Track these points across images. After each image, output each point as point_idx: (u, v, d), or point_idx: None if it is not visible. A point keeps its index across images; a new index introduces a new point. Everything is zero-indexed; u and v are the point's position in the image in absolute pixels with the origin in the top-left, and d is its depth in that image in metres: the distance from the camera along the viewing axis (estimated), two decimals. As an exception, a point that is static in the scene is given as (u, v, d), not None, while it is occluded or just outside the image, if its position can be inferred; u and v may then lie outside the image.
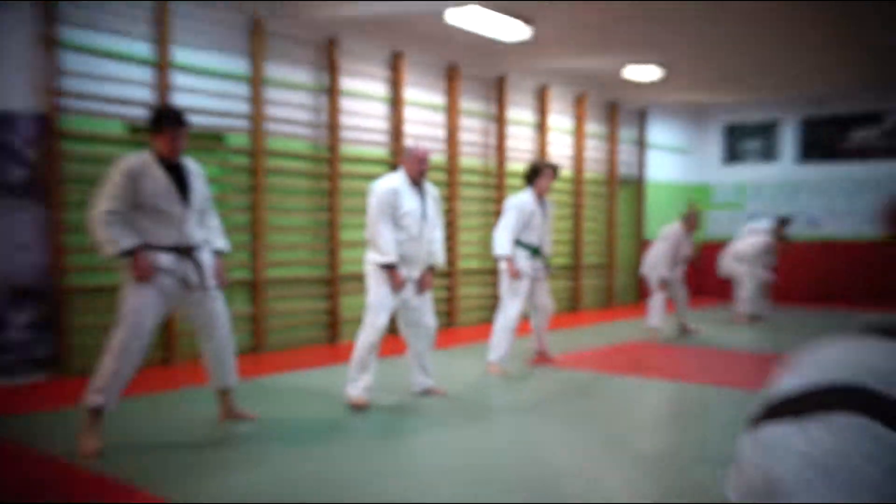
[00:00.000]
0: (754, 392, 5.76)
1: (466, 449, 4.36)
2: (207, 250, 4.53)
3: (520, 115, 10.61)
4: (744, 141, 13.91)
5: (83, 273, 6.29)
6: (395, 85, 8.75)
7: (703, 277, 13.40)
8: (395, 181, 5.28)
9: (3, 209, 5.94)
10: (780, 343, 8.24)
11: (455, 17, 7.76)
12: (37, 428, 4.66)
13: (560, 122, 11.28)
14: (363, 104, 8.50)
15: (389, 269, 5.11)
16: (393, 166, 8.65)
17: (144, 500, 3.44)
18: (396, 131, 8.74)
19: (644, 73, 10.45)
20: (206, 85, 7.11)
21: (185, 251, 4.38)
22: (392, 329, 5.55)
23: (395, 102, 8.76)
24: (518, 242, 6.55)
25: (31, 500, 3.55)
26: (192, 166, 4.53)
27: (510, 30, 8.35)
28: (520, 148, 10.53)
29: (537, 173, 6.68)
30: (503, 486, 3.65)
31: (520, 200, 6.64)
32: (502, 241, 6.48)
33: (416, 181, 5.32)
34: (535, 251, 6.64)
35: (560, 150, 11.18)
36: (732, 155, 14.04)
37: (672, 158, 13.87)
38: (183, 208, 4.34)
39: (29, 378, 5.99)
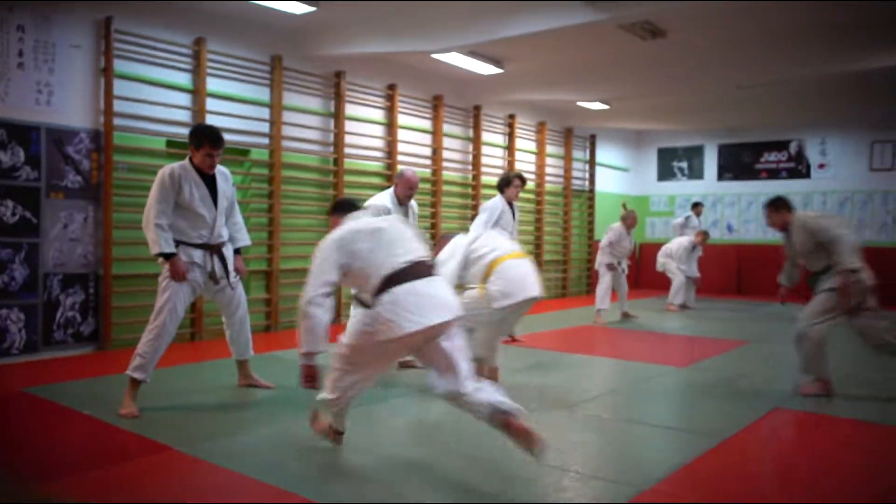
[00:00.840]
0: (681, 368, 5.87)
1: (437, 412, 4.39)
2: (230, 246, 4.53)
3: (492, 137, 10.67)
4: (674, 161, 14.08)
5: (125, 262, 6.29)
6: (390, 111, 8.78)
7: (642, 272, 13.57)
8: (387, 199, 5.33)
9: (63, 209, 5.93)
10: (703, 328, 8.34)
11: (440, 58, 7.83)
12: (83, 393, 4.63)
13: (524, 144, 11.35)
14: (363, 126, 8.52)
15: None
16: (387, 178, 8.70)
17: (173, 456, 3.43)
18: (391, 149, 8.78)
19: (592, 106, 10.57)
20: (235, 109, 7.11)
21: (213, 248, 4.39)
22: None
23: (390, 125, 8.79)
24: None
25: (79, 455, 3.56)
26: (221, 171, 4.49)
27: (484, 69, 8.45)
28: (492, 164, 10.59)
29: (508, 183, 6.75)
30: (469, 440, 3.70)
31: (493, 203, 6.70)
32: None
33: (402, 202, 5.40)
34: None
35: (524, 166, 11.25)
36: (665, 173, 14.21)
37: (616, 174, 13.99)
38: (214, 212, 4.35)
39: (77, 351, 5.99)
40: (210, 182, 4.36)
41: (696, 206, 11.51)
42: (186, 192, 4.23)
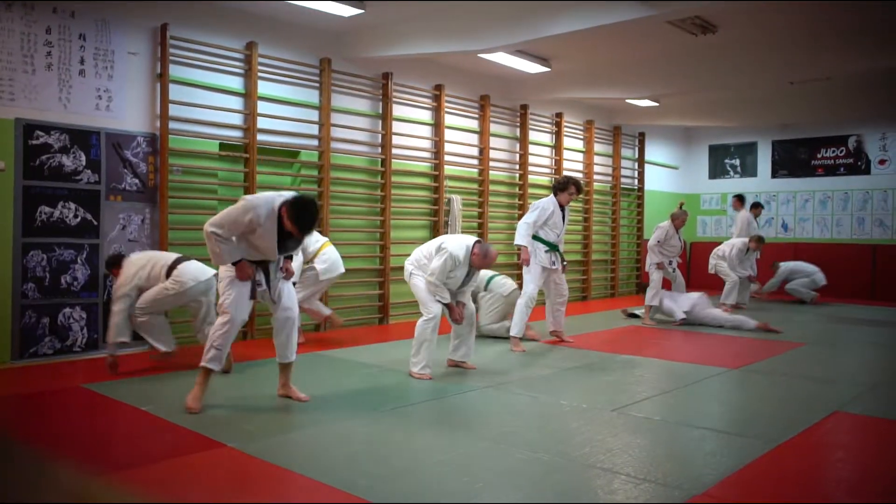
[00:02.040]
0: (733, 370, 5.73)
1: (491, 411, 4.41)
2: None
3: (539, 137, 10.59)
4: (726, 159, 13.77)
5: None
6: (438, 111, 8.80)
7: (693, 271, 13.30)
8: (462, 254, 5.25)
9: (121, 211, 6.12)
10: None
11: (486, 58, 7.81)
12: (141, 390, 4.73)
13: (572, 142, 11.24)
14: (411, 127, 8.56)
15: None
16: (434, 178, 8.73)
17: (228, 453, 3.50)
18: (438, 150, 8.80)
19: (641, 103, 10.42)
20: (285, 112, 7.23)
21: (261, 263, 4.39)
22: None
23: (437, 126, 8.81)
24: (538, 238, 6.59)
25: (137, 450, 3.66)
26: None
27: (531, 68, 8.39)
28: (539, 164, 10.52)
29: (564, 188, 6.69)
30: (522, 441, 3.69)
31: (544, 202, 6.67)
32: (521, 232, 6.53)
33: (475, 267, 5.37)
34: (554, 247, 6.66)
35: (572, 165, 11.16)
36: (716, 170, 13.91)
37: (666, 173, 13.76)
38: (274, 257, 4.36)
39: (136, 349, 6.08)
40: (285, 235, 4.27)
41: (755, 207, 11.25)
42: (258, 237, 4.19)
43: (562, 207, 6.69)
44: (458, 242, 5.29)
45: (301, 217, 4.10)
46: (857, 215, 12.20)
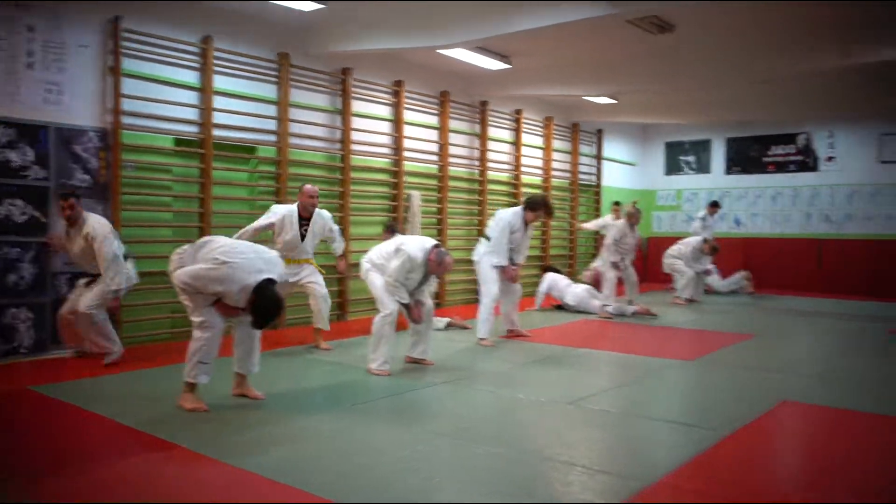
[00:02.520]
0: (688, 361, 5.85)
1: (450, 407, 4.43)
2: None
3: (499, 133, 10.65)
4: (681, 155, 14.03)
5: (133, 261, 6.27)
6: (397, 107, 8.78)
7: (651, 266, 13.53)
8: (420, 257, 5.22)
9: (74, 208, 5.95)
10: (710, 322, 8.31)
11: (447, 54, 7.82)
12: (91, 391, 4.62)
13: (531, 139, 11.32)
14: (370, 123, 8.52)
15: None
16: (394, 174, 8.70)
17: (180, 453, 3.45)
18: (398, 146, 8.78)
19: (599, 101, 10.55)
20: (242, 107, 7.12)
21: None
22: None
23: (397, 122, 8.79)
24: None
25: (86, 452, 3.57)
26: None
27: (492, 65, 8.43)
28: (499, 160, 10.57)
29: (535, 207, 6.71)
30: (480, 436, 3.71)
31: (510, 217, 6.66)
32: (500, 253, 6.57)
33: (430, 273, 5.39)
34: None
35: (531, 162, 11.24)
36: (672, 167, 14.16)
37: (623, 169, 13.95)
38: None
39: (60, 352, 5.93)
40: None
41: (713, 206, 11.49)
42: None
43: (526, 224, 6.73)
44: (417, 245, 5.29)
45: (260, 311, 3.89)
46: (805, 211, 12.56)
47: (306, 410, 4.20)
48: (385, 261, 5.35)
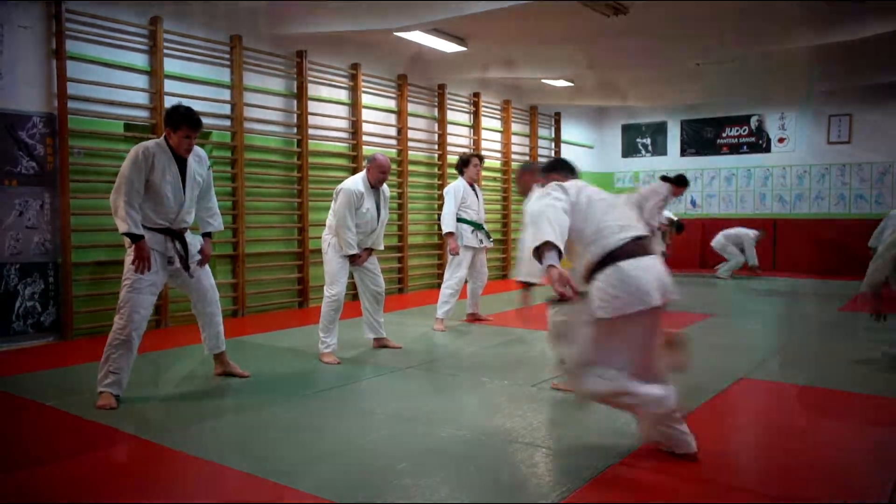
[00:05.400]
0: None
1: (413, 391, 4.42)
2: (194, 233, 4.34)
3: (457, 116, 10.61)
4: (638, 138, 14.19)
5: (84, 250, 6.12)
6: (354, 91, 8.67)
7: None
8: (359, 183, 5.23)
9: (17, 197, 5.75)
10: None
11: (403, 37, 7.73)
12: (45, 384, 4.51)
13: (490, 122, 11.31)
14: (327, 107, 8.40)
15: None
16: (353, 159, 8.61)
17: (141, 446, 3.38)
18: (356, 130, 8.68)
19: (557, 83, 10.58)
20: (194, 91, 6.93)
21: (174, 233, 4.19)
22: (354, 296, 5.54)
23: (354, 105, 8.68)
24: (461, 219, 6.62)
25: (42, 447, 3.48)
26: (197, 153, 4.25)
27: (448, 47, 8.37)
28: (458, 143, 10.54)
29: (466, 163, 6.75)
30: (443, 419, 3.71)
31: (454, 186, 6.72)
32: (447, 221, 6.56)
33: (375, 185, 5.30)
34: (478, 226, 6.71)
35: (490, 145, 11.24)
36: (629, 149, 14.31)
37: (581, 152, 14.05)
38: (182, 197, 4.14)
39: (38, 341, 5.83)
40: (182, 166, 4.15)
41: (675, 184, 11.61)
42: (158, 172, 4.01)
43: (472, 186, 6.74)
44: (352, 178, 5.35)
45: (175, 115, 3.99)
46: (759, 191, 12.83)
47: (267, 399, 4.14)
48: (334, 216, 5.26)
